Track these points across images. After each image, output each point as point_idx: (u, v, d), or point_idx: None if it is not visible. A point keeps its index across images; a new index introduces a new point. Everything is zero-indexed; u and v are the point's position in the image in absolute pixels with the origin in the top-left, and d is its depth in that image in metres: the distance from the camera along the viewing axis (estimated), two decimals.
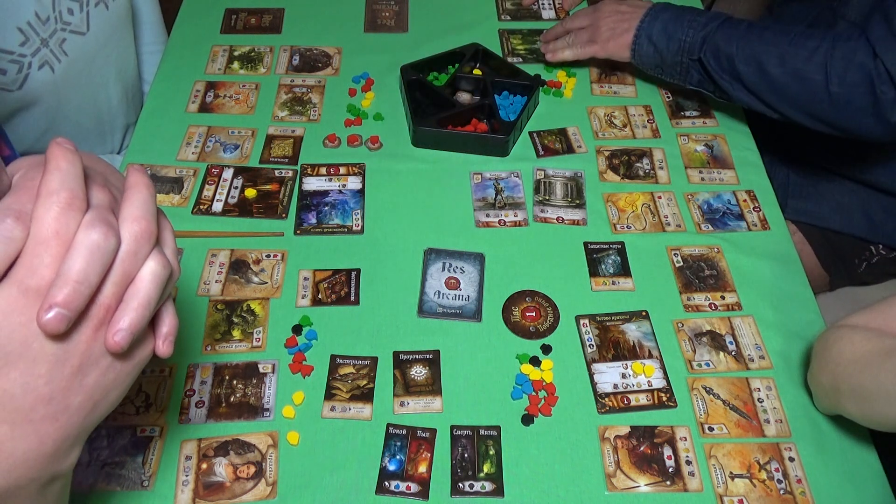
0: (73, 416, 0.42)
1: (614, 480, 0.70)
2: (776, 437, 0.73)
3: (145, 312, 0.42)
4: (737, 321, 0.82)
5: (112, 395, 0.44)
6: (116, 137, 1.15)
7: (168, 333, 0.46)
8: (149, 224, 0.43)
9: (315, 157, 0.98)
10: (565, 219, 0.92)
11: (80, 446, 0.44)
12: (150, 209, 0.43)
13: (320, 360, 0.78)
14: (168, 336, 0.46)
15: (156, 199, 0.44)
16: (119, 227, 0.42)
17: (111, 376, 0.43)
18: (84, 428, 0.43)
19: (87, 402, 0.42)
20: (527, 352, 0.79)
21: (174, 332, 0.47)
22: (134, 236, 0.42)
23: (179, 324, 0.47)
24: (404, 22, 1.19)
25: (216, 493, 0.68)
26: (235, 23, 1.17)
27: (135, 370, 0.45)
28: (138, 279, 0.42)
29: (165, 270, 0.43)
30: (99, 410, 0.44)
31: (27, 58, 0.90)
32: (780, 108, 0.94)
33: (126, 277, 0.42)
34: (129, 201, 0.43)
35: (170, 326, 0.47)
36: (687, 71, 1.00)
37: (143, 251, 0.42)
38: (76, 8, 0.96)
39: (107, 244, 0.40)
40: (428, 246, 0.88)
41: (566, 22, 1.10)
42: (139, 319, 0.42)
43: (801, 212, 1.13)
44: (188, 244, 0.87)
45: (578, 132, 1.02)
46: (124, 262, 0.42)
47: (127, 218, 0.42)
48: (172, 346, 0.47)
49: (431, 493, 0.69)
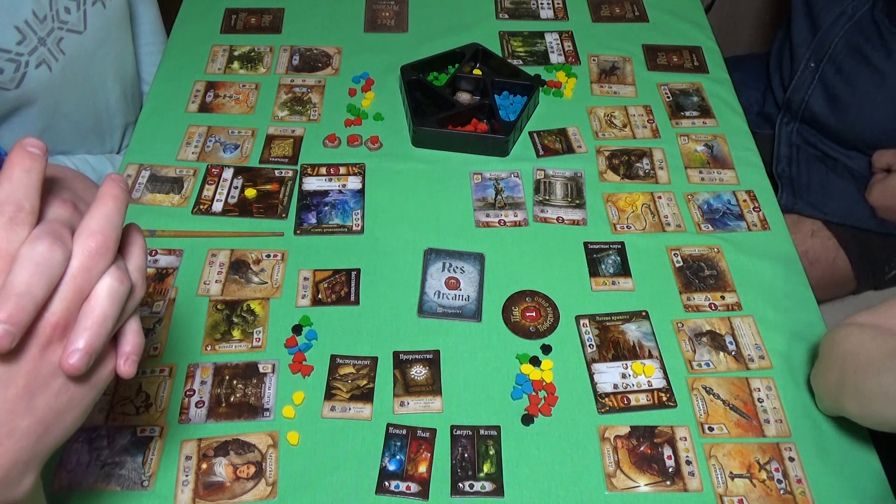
0: (21, 440, 0.40)
1: (614, 480, 0.70)
2: (776, 437, 0.73)
3: (101, 331, 0.40)
4: (737, 321, 0.82)
5: (67, 419, 0.42)
6: (115, 137, 1.15)
7: (131, 353, 0.44)
8: (105, 238, 0.40)
9: (315, 157, 0.98)
10: (565, 219, 0.92)
11: (34, 472, 0.42)
12: (112, 223, 0.41)
13: (320, 360, 0.78)
14: (130, 356, 0.44)
15: (123, 212, 0.42)
16: (74, 241, 0.40)
17: (64, 399, 0.41)
18: (36, 453, 0.41)
19: (37, 426, 0.40)
20: (527, 352, 0.79)
21: (138, 352, 0.44)
22: (88, 251, 0.40)
23: (144, 343, 0.45)
24: (404, 22, 1.19)
25: (216, 493, 0.68)
26: (235, 23, 1.17)
27: (93, 392, 0.43)
28: (93, 296, 0.40)
29: (123, 287, 0.41)
30: (53, 434, 0.41)
31: (24, 56, 0.90)
32: None
33: (78, 294, 0.40)
34: (90, 214, 0.41)
35: (133, 346, 0.44)
36: None
37: (98, 267, 0.40)
38: (73, 7, 0.96)
39: (52, 257, 0.38)
40: (428, 246, 0.88)
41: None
42: (95, 339, 0.40)
43: (844, 214, 1.14)
44: (188, 244, 0.87)
45: (578, 132, 1.02)
46: (76, 277, 0.39)
47: (83, 232, 0.40)
48: (135, 367, 0.44)
49: (431, 493, 0.69)
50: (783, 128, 1.23)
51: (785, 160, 1.22)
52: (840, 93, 1.13)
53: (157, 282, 0.84)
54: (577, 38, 1.16)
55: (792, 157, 1.22)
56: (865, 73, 1.09)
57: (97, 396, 0.44)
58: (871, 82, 1.08)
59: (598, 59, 1.13)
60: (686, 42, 1.17)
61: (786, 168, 1.22)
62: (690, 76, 1.11)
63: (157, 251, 0.86)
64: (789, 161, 1.22)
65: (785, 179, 1.21)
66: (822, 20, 1.15)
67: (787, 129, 1.23)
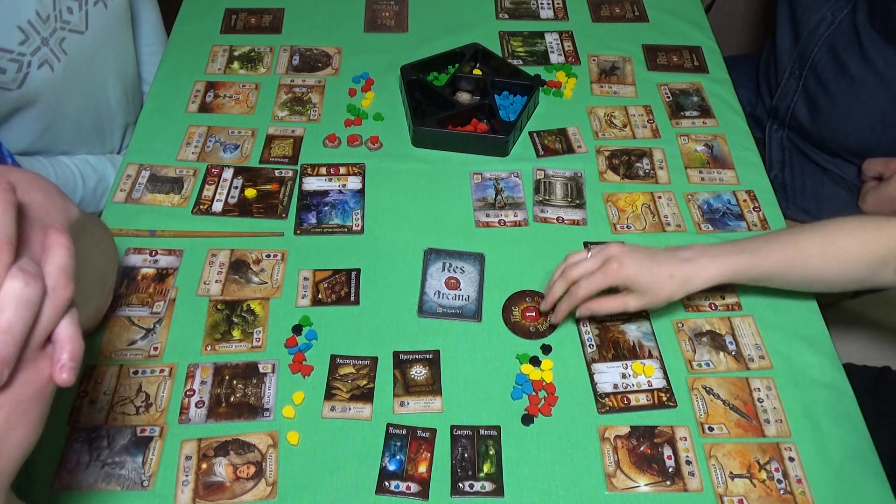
0: None
1: (614, 480, 0.70)
2: (776, 437, 0.73)
3: (9, 339, 0.37)
4: (737, 321, 0.82)
5: (14, 437, 0.39)
6: (116, 137, 1.15)
7: (67, 360, 0.41)
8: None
9: (315, 157, 0.98)
10: (565, 219, 0.92)
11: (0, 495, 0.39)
12: (2, 220, 0.38)
13: (320, 360, 0.78)
14: (67, 363, 0.41)
15: (11, 212, 0.39)
16: None
17: (0, 417, 0.38)
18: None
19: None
20: (527, 352, 0.79)
21: (75, 358, 0.41)
22: None
23: (82, 348, 0.42)
24: (404, 22, 1.19)
25: (216, 493, 0.68)
26: (235, 23, 1.17)
27: (35, 404, 0.40)
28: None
29: (30, 289, 0.38)
30: (4, 456, 0.39)
31: (27, 57, 0.90)
32: None
33: None
34: None
35: (69, 352, 0.41)
36: None
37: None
38: (75, 7, 0.96)
39: None
40: (428, 246, 0.88)
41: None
42: (3, 348, 0.37)
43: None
44: (188, 244, 0.87)
45: (578, 132, 1.02)
46: None
47: None
48: (73, 374, 0.41)
49: (431, 493, 0.69)
50: (773, 134, 1.23)
51: (777, 166, 1.22)
52: (821, 102, 1.12)
53: (157, 282, 0.84)
54: (577, 38, 1.16)
55: (784, 163, 1.22)
56: (844, 83, 1.08)
57: (45, 407, 0.41)
58: (849, 92, 1.07)
59: (598, 59, 1.13)
60: (686, 42, 1.17)
61: (779, 174, 1.21)
62: (690, 76, 1.11)
63: (157, 251, 0.86)
64: (782, 167, 1.22)
65: (778, 185, 1.21)
66: (803, 27, 1.14)
67: (776, 135, 1.23)
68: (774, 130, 1.23)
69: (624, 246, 0.77)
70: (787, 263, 0.76)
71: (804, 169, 1.20)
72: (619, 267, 0.74)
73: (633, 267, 0.74)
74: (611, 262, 0.75)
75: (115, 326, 0.79)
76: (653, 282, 0.74)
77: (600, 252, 0.77)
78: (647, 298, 0.75)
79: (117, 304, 0.81)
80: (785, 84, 1.18)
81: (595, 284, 0.75)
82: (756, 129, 1.26)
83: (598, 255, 0.77)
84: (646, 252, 0.76)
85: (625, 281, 0.75)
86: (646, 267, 0.75)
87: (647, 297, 0.75)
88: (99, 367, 0.76)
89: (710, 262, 0.75)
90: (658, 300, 0.75)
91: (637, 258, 0.75)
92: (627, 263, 0.74)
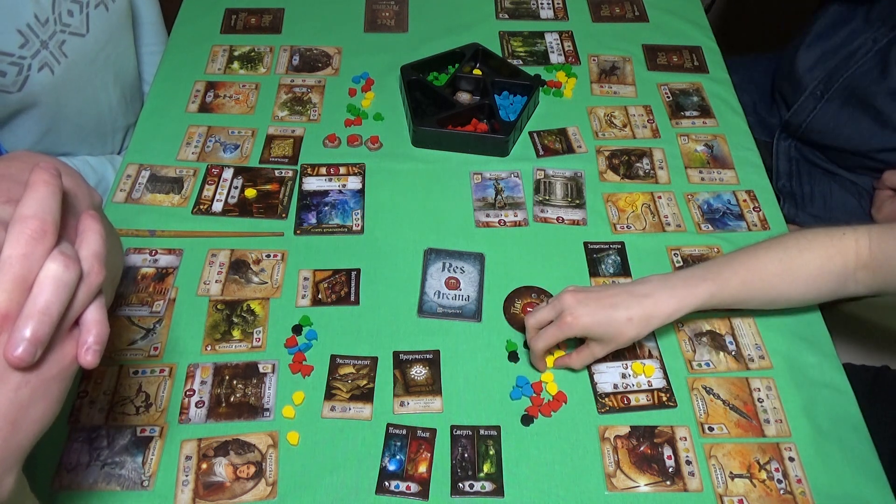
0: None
1: (614, 480, 0.70)
2: (776, 437, 0.73)
3: (46, 319, 0.39)
4: (737, 321, 0.82)
5: (34, 413, 0.41)
6: (116, 138, 1.15)
7: (93, 343, 0.42)
8: (41, 223, 0.39)
9: (315, 157, 0.98)
10: (565, 219, 0.92)
11: (12, 473, 0.40)
12: (45, 207, 0.40)
13: (320, 360, 0.78)
14: (92, 346, 0.42)
15: (58, 197, 0.41)
16: (8, 229, 0.39)
17: (25, 392, 0.40)
18: (9, 452, 0.40)
19: (2, 424, 0.39)
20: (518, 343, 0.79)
21: (101, 341, 0.43)
22: (24, 238, 0.38)
23: (109, 332, 0.43)
24: (404, 22, 1.19)
25: (216, 493, 0.68)
26: (235, 23, 1.17)
27: (58, 383, 0.41)
28: (37, 284, 0.39)
29: (69, 272, 0.40)
30: (23, 431, 0.40)
31: (27, 60, 0.90)
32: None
33: (19, 282, 0.38)
34: (23, 202, 0.40)
35: (96, 335, 0.43)
36: None
37: (37, 252, 0.39)
38: (76, 10, 0.96)
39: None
40: (428, 246, 0.88)
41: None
42: (40, 328, 0.39)
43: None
44: (188, 244, 0.87)
45: (578, 132, 1.02)
46: (13, 266, 0.38)
47: (17, 219, 0.39)
48: (97, 357, 0.43)
49: (431, 493, 0.69)
50: (780, 143, 1.23)
51: (785, 176, 1.21)
52: (842, 126, 1.11)
53: (157, 282, 0.84)
54: (577, 38, 1.16)
55: (792, 172, 1.21)
56: (870, 113, 1.07)
57: (65, 387, 0.42)
58: (875, 122, 1.06)
59: (598, 59, 1.13)
60: (686, 42, 1.17)
61: (786, 183, 1.21)
62: (690, 76, 1.11)
63: (157, 251, 0.86)
64: (789, 176, 1.21)
65: (787, 194, 1.20)
66: (833, 53, 1.12)
67: (784, 144, 1.22)
68: (783, 140, 1.22)
69: (577, 293, 0.73)
70: (749, 286, 0.74)
71: (812, 176, 1.19)
72: (573, 320, 0.71)
73: (587, 318, 0.71)
74: (564, 315, 0.72)
75: (115, 326, 0.79)
76: (611, 329, 0.72)
77: (553, 303, 0.74)
78: (611, 345, 0.73)
79: (117, 304, 0.81)
80: (803, 102, 1.16)
81: (552, 338, 0.73)
82: (764, 133, 1.25)
83: (552, 305, 0.74)
84: (599, 297, 0.73)
85: (582, 332, 0.73)
86: (601, 315, 0.72)
87: (612, 344, 0.73)
88: (99, 367, 0.76)
89: (670, 296, 0.72)
90: (623, 342, 0.73)
91: (591, 308, 0.72)
92: (581, 314, 0.71)
